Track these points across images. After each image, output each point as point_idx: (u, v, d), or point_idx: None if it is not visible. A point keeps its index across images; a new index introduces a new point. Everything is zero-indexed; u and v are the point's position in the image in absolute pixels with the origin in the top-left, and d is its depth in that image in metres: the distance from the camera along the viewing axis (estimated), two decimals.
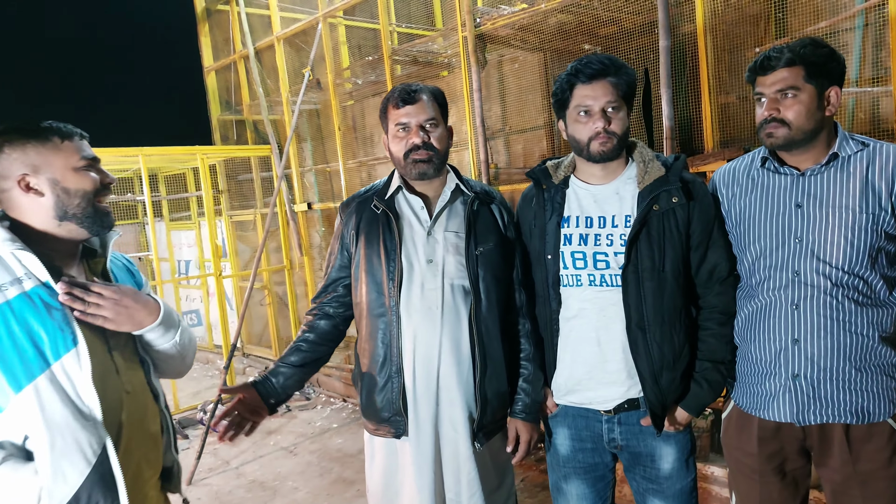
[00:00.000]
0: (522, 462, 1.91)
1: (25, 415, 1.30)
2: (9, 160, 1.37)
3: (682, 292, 1.70)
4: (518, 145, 4.55)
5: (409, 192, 1.86)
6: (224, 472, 4.14)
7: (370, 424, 1.88)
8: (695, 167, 3.07)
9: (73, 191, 1.41)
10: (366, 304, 1.84)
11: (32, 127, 1.40)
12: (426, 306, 1.78)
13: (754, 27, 3.19)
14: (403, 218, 1.84)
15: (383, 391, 1.81)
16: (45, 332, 1.33)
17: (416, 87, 1.81)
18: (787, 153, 1.67)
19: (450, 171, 1.89)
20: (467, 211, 1.83)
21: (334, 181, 5.79)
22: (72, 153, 1.42)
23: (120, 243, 7.47)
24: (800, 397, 1.64)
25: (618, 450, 1.77)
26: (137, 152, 5.08)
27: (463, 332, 1.79)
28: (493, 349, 1.81)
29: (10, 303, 1.31)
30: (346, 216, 1.91)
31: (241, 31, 6.08)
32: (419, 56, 4.69)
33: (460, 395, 1.79)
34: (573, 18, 3.64)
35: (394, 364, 1.80)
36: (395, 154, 1.82)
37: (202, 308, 7.15)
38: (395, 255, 1.79)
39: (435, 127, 1.81)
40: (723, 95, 3.19)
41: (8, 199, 1.40)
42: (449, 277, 1.79)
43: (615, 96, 1.64)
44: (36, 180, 1.38)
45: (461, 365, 1.79)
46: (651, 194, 1.66)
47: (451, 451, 1.81)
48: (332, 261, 1.95)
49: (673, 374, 1.69)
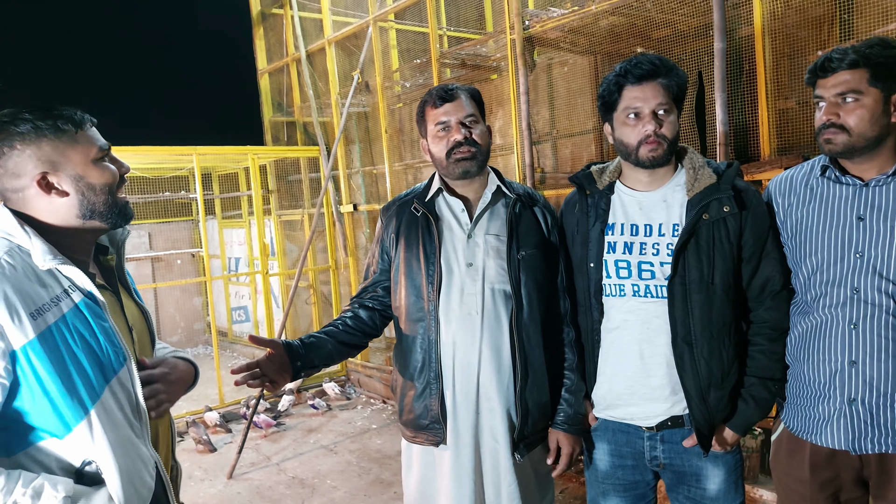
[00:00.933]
0: (562, 473, 1.87)
1: (88, 439, 1.21)
2: (21, 157, 1.23)
3: (732, 306, 1.63)
4: (566, 149, 4.48)
5: (450, 194, 1.83)
6: (265, 467, 4.20)
7: (408, 431, 1.85)
8: (749, 175, 2.96)
9: (97, 186, 1.29)
10: (404, 308, 1.81)
11: (44, 117, 1.25)
12: (465, 311, 1.74)
13: (817, 30, 3.05)
14: (443, 221, 1.81)
15: (421, 398, 1.78)
16: (98, 348, 1.25)
17: (452, 86, 1.79)
18: (850, 161, 1.57)
19: (491, 173, 1.85)
20: (509, 213, 1.78)
21: (380, 183, 5.82)
22: (89, 144, 1.30)
23: (174, 239, 7.71)
24: (856, 423, 1.54)
25: (660, 468, 1.71)
26: (192, 151, 5.22)
27: (504, 339, 1.75)
28: (534, 357, 1.76)
29: (66, 318, 1.22)
30: (387, 219, 1.89)
31: (293, 34, 6.19)
32: (467, 59, 4.67)
33: (501, 405, 1.74)
34: (625, 20, 3.56)
35: (432, 370, 1.76)
36: (436, 155, 1.80)
37: (250, 304, 7.30)
38: (434, 258, 1.76)
39: (475, 123, 1.78)
40: (781, 101, 3.06)
41: (23, 199, 1.26)
42: (489, 282, 1.75)
43: (666, 98, 1.58)
44: (57, 179, 1.26)
45: (502, 373, 1.74)
46: (701, 202, 1.59)
47: (491, 461, 1.76)
48: (373, 264, 1.93)
49: (721, 392, 1.61)
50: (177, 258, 7.79)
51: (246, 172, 7.14)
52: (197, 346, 7.93)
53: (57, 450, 1.21)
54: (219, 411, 5.03)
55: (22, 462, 1.19)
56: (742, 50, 3.25)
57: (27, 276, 1.20)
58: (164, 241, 7.72)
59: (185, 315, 7.93)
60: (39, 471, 1.19)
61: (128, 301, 1.45)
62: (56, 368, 1.18)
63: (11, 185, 1.25)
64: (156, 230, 7.66)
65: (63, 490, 1.16)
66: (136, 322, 1.44)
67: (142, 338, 1.45)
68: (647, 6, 3.32)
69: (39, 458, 1.20)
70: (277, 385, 1.69)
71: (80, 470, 1.22)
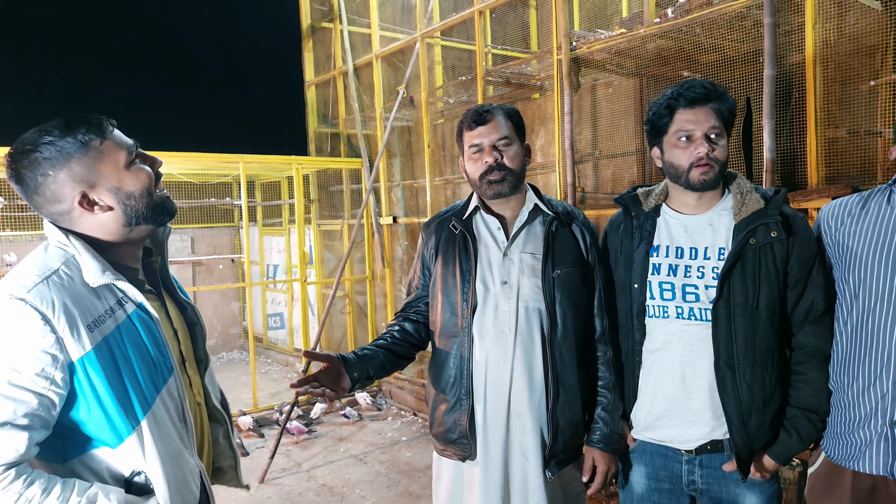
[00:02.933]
0: (594, 496, 1.86)
1: (139, 450, 1.23)
2: (56, 183, 1.22)
3: (777, 332, 1.61)
4: (607, 170, 4.48)
5: (487, 212, 1.85)
6: (296, 473, 4.25)
7: (438, 444, 1.88)
8: (796, 203, 2.92)
9: (136, 193, 1.29)
10: (440, 323, 1.84)
11: (65, 134, 1.23)
12: (499, 329, 1.76)
13: (870, 58, 3.01)
14: (480, 239, 1.83)
15: (451, 412, 1.80)
16: (150, 358, 1.27)
17: (487, 107, 1.81)
18: None
19: (529, 190, 1.86)
20: (546, 231, 1.79)
21: (420, 197, 5.89)
22: (115, 151, 1.28)
23: (216, 244, 7.89)
24: None
25: (697, 493, 1.69)
26: (239, 159, 5.37)
27: (536, 358, 1.75)
28: (567, 376, 1.76)
29: (120, 330, 1.24)
30: (427, 236, 1.93)
31: (342, 48, 6.33)
32: (512, 77, 4.72)
33: (532, 422, 1.75)
34: (673, 44, 3.56)
35: (463, 386, 1.78)
36: (471, 175, 1.83)
37: (286, 312, 7.42)
38: (469, 276, 1.78)
39: (508, 146, 1.79)
40: (831, 129, 3.02)
41: (70, 220, 1.26)
42: (524, 300, 1.76)
43: (718, 122, 1.59)
44: (96, 195, 1.25)
45: (533, 391, 1.75)
46: (748, 227, 1.59)
47: (520, 478, 1.77)
48: (415, 279, 1.97)
49: (762, 417, 1.60)
50: (218, 263, 7.97)
51: (289, 181, 7.30)
52: (232, 351, 8.07)
53: (109, 459, 1.23)
54: (252, 416, 5.11)
55: (75, 469, 1.23)
56: (792, 77, 3.23)
57: (83, 288, 1.22)
58: (206, 246, 7.91)
59: (223, 319, 8.09)
60: (92, 478, 1.22)
61: (171, 304, 1.47)
62: (110, 380, 1.21)
63: (56, 210, 1.25)
64: (199, 234, 7.85)
65: (115, 499, 1.19)
66: (178, 324, 1.46)
67: (185, 339, 1.47)
68: (696, 31, 3.33)
69: (92, 466, 1.23)
70: (338, 394, 1.71)
71: (130, 479, 1.25)
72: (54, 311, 1.16)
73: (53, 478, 1.17)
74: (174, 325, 1.44)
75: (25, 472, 1.14)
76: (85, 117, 1.26)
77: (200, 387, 1.50)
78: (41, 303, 1.15)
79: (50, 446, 1.21)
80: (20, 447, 1.13)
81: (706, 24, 3.28)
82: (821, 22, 2.92)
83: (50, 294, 1.17)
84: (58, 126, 1.23)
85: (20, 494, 1.12)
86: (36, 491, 1.13)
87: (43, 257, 1.24)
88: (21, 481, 1.13)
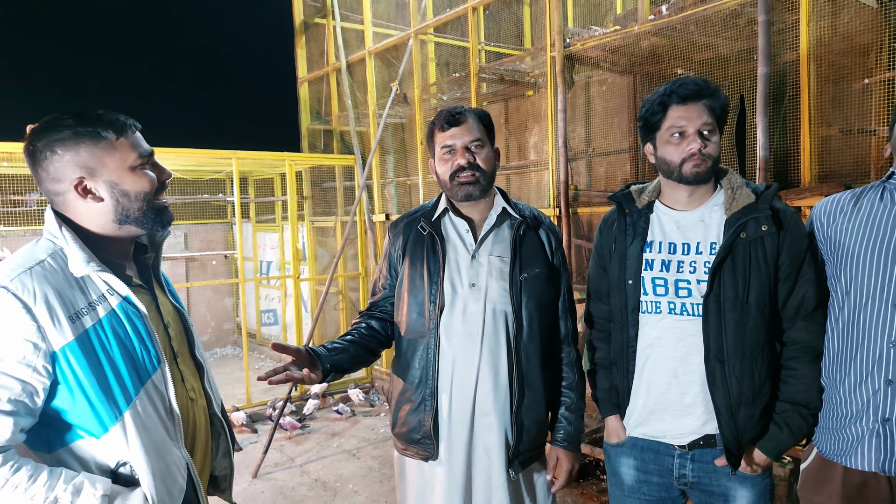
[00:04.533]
0: (584, 492, 1.87)
1: (123, 440, 1.25)
2: (61, 162, 1.26)
3: (767, 326, 1.62)
4: (601, 168, 4.49)
5: (456, 214, 1.85)
6: (289, 468, 4.25)
7: (399, 444, 1.87)
8: (789, 201, 2.93)
9: (132, 193, 1.31)
10: (406, 324, 1.83)
11: (84, 122, 1.28)
12: (467, 331, 1.77)
13: (863, 57, 3.02)
14: (448, 241, 1.83)
15: (416, 412, 1.80)
16: (133, 351, 1.29)
17: (460, 109, 1.80)
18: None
19: (497, 194, 1.87)
20: (514, 235, 1.80)
21: (413, 194, 5.88)
22: (128, 151, 1.31)
23: (209, 240, 7.86)
24: (889, 444, 1.52)
25: (687, 486, 1.70)
26: (231, 155, 5.35)
27: (502, 358, 1.77)
28: (532, 377, 1.78)
29: (102, 322, 1.26)
30: (394, 235, 1.92)
31: (335, 44, 6.31)
32: (506, 74, 4.72)
33: (497, 422, 1.76)
34: (667, 42, 3.57)
35: (429, 386, 1.78)
36: (441, 176, 1.81)
37: (279, 308, 7.40)
38: (437, 277, 1.78)
39: (480, 148, 1.78)
40: (824, 128, 3.03)
41: (64, 203, 1.30)
42: (491, 302, 1.77)
43: (710, 118, 1.60)
44: (93, 184, 1.28)
45: (498, 391, 1.76)
46: (738, 221, 1.59)
47: (483, 477, 1.78)
48: (381, 279, 1.95)
49: (751, 410, 1.60)
50: (211, 259, 7.95)
51: (282, 178, 7.28)
52: (226, 347, 8.06)
53: (94, 449, 1.25)
54: (245, 411, 5.10)
55: (62, 458, 1.24)
56: (785, 75, 3.24)
57: (67, 280, 1.24)
58: (199, 242, 7.89)
59: (216, 315, 8.07)
60: (78, 468, 1.24)
61: (163, 299, 1.48)
62: (93, 371, 1.22)
63: (53, 188, 1.29)
64: (192, 231, 7.82)
65: (101, 488, 1.20)
66: (171, 320, 1.47)
67: (178, 335, 1.48)
68: (690, 28, 3.33)
69: (79, 455, 1.25)
70: (309, 382, 1.67)
71: (115, 470, 1.26)
72: (35, 300, 1.18)
73: (41, 466, 1.18)
74: (165, 320, 1.44)
75: (12, 459, 1.16)
76: (113, 115, 1.32)
77: (195, 383, 1.49)
78: (23, 291, 1.18)
79: (36, 435, 1.23)
80: (5, 433, 1.15)
81: (700, 22, 3.28)
82: (815, 20, 2.93)
83: (32, 283, 1.19)
84: (80, 114, 1.29)
85: (6, 480, 1.14)
86: (22, 477, 1.15)
87: (31, 249, 1.27)
88: (8, 467, 1.15)
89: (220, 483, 1.61)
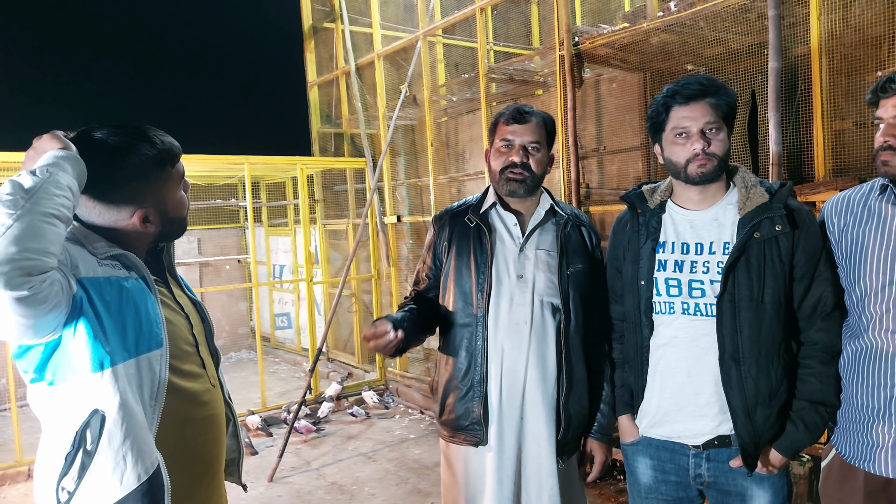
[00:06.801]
0: (602, 492, 1.89)
1: (105, 393, 1.19)
2: (135, 190, 1.27)
3: (783, 325, 1.60)
4: (612, 166, 4.47)
5: (504, 208, 1.91)
6: (305, 471, 4.26)
7: (445, 431, 1.92)
8: (803, 196, 2.90)
9: (177, 220, 1.35)
10: (452, 312, 1.89)
11: (158, 154, 1.27)
12: (514, 321, 1.82)
13: (876, 49, 2.99)
14: (496, 233, 1.89)
15: (464, 400, 1.85)
16: (138, 322, 1.26)
17: (529, 108, 1.87)
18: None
19: (544, 193, 1.93)
20: (560, 232, 1.88)
21: (424, 195, 5.89)
22: (178, 180, 1.33)
23: (222, 245, 7.92)
24: None
25: (703, 486, 1.69)
26: (243, 160, 5.38)
27: (549, 350, 1.83)
28: (577, 369, 1.84)
29: (120, 280, 1.24)
30: (440, 227, 1.97)
31: (344, 47, 6.34)
32: (515, 74, 4.71)
33: (544, 412, 1.81)
34: (676, 38, 3.55)
35: (477, 374, 1.83)
36: (493, 168, 1.89)
37: (293, 311, 7.44)
38: (484, 267, 1.84)
39: (536, 150, 1.85)
40: (837, 121, 3.00)
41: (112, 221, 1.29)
42: (539, 294, 1.83)
43: (714, 117, 1.59)
44: (151, 213, 1.30)
45: (546, 382, 1.82)
46: (752, 221, 1.58)
47: (534, 465, 1.83)
48: (424, 269, 1.99)
49: (768, 410, 1.59)
50: (225, 264, 8.00)
51: (293, 182, 7.31)
52: (240, 351, 8.10)
53: (84, 386, 1.19)
54: (260, 415, 5.12)
55: (58, 395, 1.20)
56: (797, 69, 3.21)
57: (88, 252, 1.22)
58: (212, 247, 7.94)
59: (231, 319, 8.12)
60: (74, 405, 1.18)
61: (179, 291, 1.49)
62: (107, 309, 1.19)
63: (106, 217, 1.27)
64: (205, 236, 7.88)
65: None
66: (189, 311, 1.48)
67: (197, 323, 1.49)
68: (699, 24, 3.31)
69: (72, 392, 1.19)
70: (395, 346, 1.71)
71: (88, 421, 1.19)
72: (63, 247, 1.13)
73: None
74: (185, 310, 1.45)
75: None
76: (169, 141, 1.31)
77: (214, 372, 1.51)
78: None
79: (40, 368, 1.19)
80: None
81: (710, 17, 3.26)
82: (826, 13, 2.90)
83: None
84: (150, 139, 1.27)
85: None
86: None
87: None
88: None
89: (227, 465, 1.60)
